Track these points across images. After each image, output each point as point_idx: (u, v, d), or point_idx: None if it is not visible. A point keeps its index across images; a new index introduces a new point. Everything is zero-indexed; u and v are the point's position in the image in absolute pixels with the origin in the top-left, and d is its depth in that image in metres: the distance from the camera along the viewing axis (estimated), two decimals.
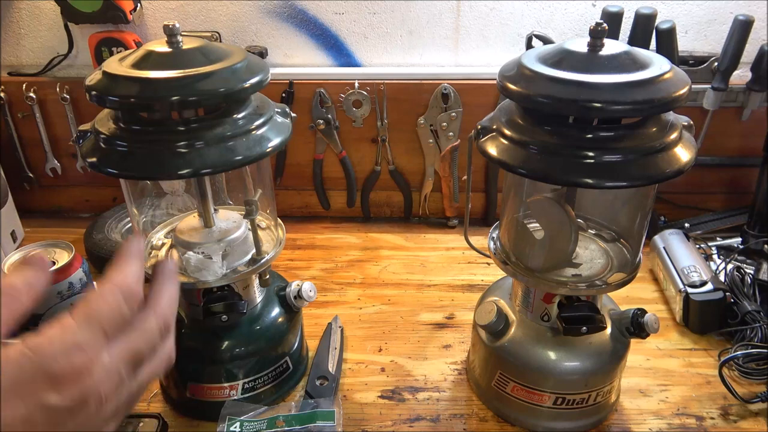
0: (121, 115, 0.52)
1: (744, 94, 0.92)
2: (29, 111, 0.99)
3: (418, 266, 0.93)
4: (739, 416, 0.65)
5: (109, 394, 0.35)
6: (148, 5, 0.95)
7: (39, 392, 0.32)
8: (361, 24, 0.96)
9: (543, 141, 0.50)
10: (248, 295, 0.64)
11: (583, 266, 0.60)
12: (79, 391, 0.33)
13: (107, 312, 0.35)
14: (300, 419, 0.60)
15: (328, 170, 1.03)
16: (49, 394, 0.32)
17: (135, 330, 0.37)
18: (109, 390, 0.35)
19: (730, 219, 0.96)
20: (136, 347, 0.36)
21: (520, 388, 0.61)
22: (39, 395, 0.32)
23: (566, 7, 0.93)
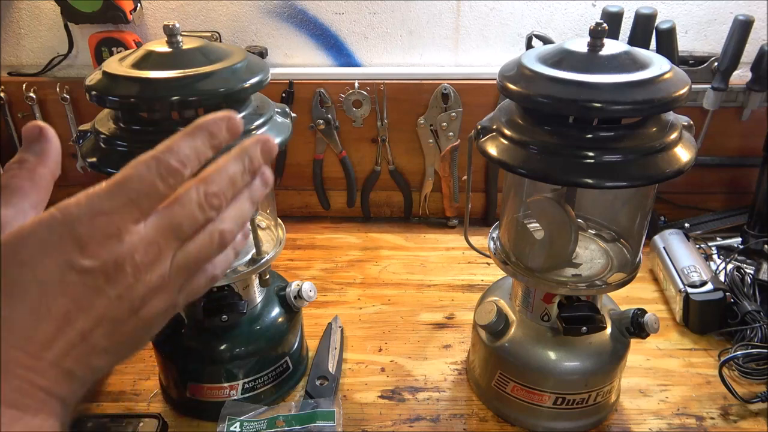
0: (121, 115, 0.52)
1: (744, 94, 0.92)
2: (29, 111, 0.99)
3: (418, 266, 0.93)
4: (739, 416, 0.65)
5: (146, 264, 0.34)
6: (148, 5, 0.95)
7: (67, 253, 0.32)
8: (361, 24, 0.96)
9: (543, 141, 0.50)
10: (248, 295, 0.64)
11: (583, 266, 0.60)
12: (109, 256, 0.33)
13: (137, 182, 0.34)
14: (300, 419, 0.60)
15: (328, 170, 1.03)
16: (77, 256, 0.32)
17: (172, 203, 0.35)
18: (145, 259, 0.34)
19: (730, 219, 0.96)
20: (174, 220, 0.35)
21: (520, 388, 0.61)
22: (68, 256, 0.32)
23: (566, 7, 0.93)
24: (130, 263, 0.34)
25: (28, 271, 0.32)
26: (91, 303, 0.33)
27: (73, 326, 0.33)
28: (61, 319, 0.32)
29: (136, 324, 0.35)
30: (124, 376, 0.71)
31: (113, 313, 0.34)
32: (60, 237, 0.32)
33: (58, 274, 0.32)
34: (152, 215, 0.35)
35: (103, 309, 0.33)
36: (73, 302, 0.33)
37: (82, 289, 0.33)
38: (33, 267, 0.32)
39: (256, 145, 0.39)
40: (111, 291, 0.33)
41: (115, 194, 0.34)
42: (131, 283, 0.34)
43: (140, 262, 0.34)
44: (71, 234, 0.32)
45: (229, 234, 0.38)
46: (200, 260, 0.37)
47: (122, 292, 0.34)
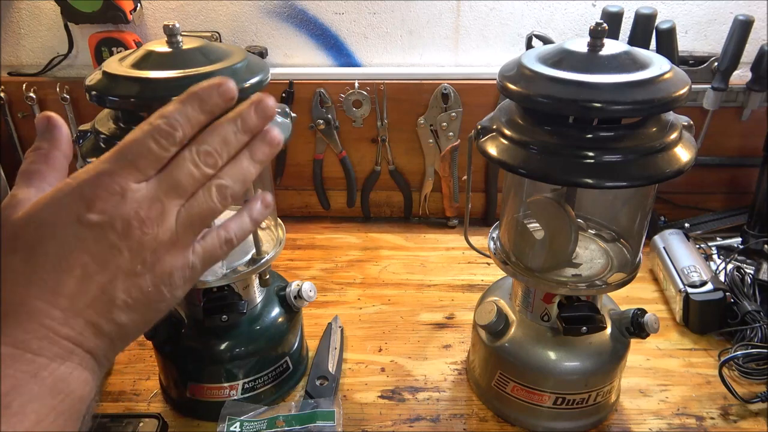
0: (121, 115, 0.52)
1: (744, 94, 0.92)
2: (29, 111, 0.99)
3: (418, 266, 0.93)
4: (739, 416, 0.65)
5: (152, 218, 0.37)
6: (148, 5, 0.95)
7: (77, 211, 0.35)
8: (361, 24, 0.96)
9: (543, 141, 0.50)
10: (248, 295, 0.64)
11: (583, 266, 0.60)
12: (114, 211, 0.36)
13: (134, 146, 0.37)
14: (300, 419, 0.60)
15: (328, 170, 1.03)
16: (85, 212, 0.35)
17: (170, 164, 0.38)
18: (150, 214, 0.37)
19: (730, 219, 0.96)
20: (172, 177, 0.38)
21: (520, 388, 0.61)
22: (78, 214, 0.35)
23: (566, 7, 0.93)
24: (136, 218, 0.36)
25: (47, 230, 0.35)
26: (105, 257, 0.36)
27: (92, 279, 0.36)
28: (80, 272, 0.35)
29: (153, 280, 0.38)
30: (124, 376, 0.71)
31: (127, 266, 0.36)
32: (71, 198, 0.36)
33: (72, 230, 0.35)
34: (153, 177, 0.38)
35: (118, 262, 0.36)
36: (90, 256, 0.35)
37: (95, 244, 0.36)
38: (51, 226, 0.35)
39: (250, 105, 0.41)
40: (122, 244, 0.36)
41: (116, 158, 0.37)
42: (140, 236, 0.37)
43: (146, 217, 0.37)
44: (80, 194, 0.36)
45: (227, 188, 0.40)
46: (204, 215, 0.40)
47: (132, 245, 0.36)
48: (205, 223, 0.40)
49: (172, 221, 0.38)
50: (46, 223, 0.35)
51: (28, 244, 0.35)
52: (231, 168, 0.41)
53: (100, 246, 0.36)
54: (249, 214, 0.44)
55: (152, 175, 0.38)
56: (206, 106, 0.39)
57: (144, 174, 0.37)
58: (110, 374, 0.71)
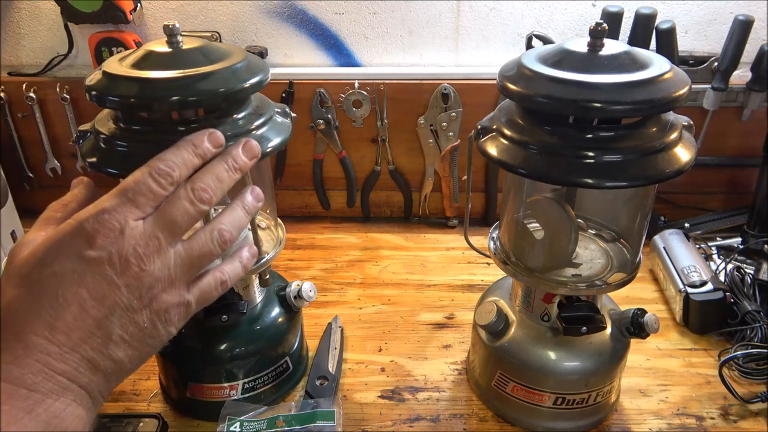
0: (121, 115, 0.52)
1: (744, 94, 0.92)
2: (29, 111, 0.99)
3: (418, 266, 0.93)
4: (739, 416, 0.65)
5: (148, 255, 0.39)
6: (148, 5, 0.95)
7: (77, 248, 0.37)
8: (361, 24, 0.96)
9: (543, 141, 0.50)
10: (248, 295, 0.64)
11: (583, 266, 0.60)
12: (114, 247, 0.37)
13: (133, 185, 0.39)
14: (300, 419, 0.60)
15: (328, 170, 1.03)
16: (86, 248, 0.37)
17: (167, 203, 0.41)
18: (147, 250, 0.39)
19: (730, 219, 0.96)
20: (167, 215, 0.40)
21: (520, 388, 0.61)
22: (78, 250, 0.37)
23: (566, 7, 0.93)
24: (134, 254, 0.38)
25: (46, 268, 0.37)
26: (103, 292, 0.37)
27: (89, 314, 0.36)
28: (77, 308, 0.36)
29: (150, 316, 0.39)
30: None
31: (124, 301, 0.38)
32: (72, 237, 0.37)
33: (71, 267, 0.37)
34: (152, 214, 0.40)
35: (115, 297, 0.37)
36: (87, 291, 0.36)
37: (93, 279, 0.37)
38: (51, 264, 0.37)
39: (238, 146, 0.46)
40: (119, 280, 0.37)
41: (116, 196, 0.39)
42: (137, 273, 0.38)
43: (143, 253, 0.38)
44: (81, 232, 0.37)
45: (226, 233, 0.43)
46: (203, 257, 0.42)
47: (130, 281, 0.38)
48: (203, 264, 0.43)
49: (169, 259, 0.40)
50: (48, 261, 0.37)
51: (30, 280, 0.36)
52: (228, 215, 0.44)
53: (98, 281, 0.37)
54: (240, 258, 0.47)
55: (150, 213, 0.40)
56: (198, 150, 0.43)
57: (143, 211, 0.39)
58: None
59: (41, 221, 0.42)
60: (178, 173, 0.41)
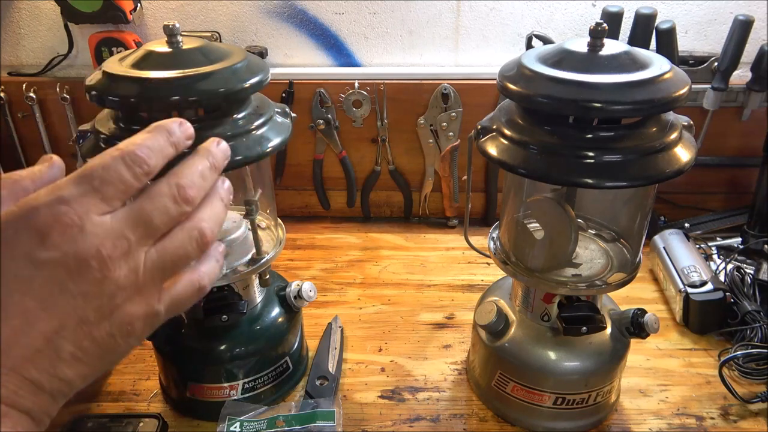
0: (121, 115, 0.52)
1: (744, 94, 0.92)
2: (29, 111, 0.99)
3: (418, 266, 0.93)
4: (739, 416, 0.65)
5: (114, 258, 0.31)
6: (148, 5, 0.95)
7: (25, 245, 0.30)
8: (361, 24, 0.96)
9: (543, 141, 0.50)
10: (248, 295, 0.64)
11: (583, 266, 0.60)
12: (71, 247, 0.30)
13: (101, 171, 0.32)
14: (300, 419, 0.60)
15: (328, 170, 1.03)
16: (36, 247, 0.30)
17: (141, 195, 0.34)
18: (113, 253, 0.31)
19: (730, 219, 0.96)
20: (143, 211, 0.33)
21: (520, 388, 0.61)
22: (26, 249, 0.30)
23: (566, 7, 0.93)
24: (96, 257, 0.31)
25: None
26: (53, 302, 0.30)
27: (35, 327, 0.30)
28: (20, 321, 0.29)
29: (110, 329, 0.32)
30: (124, 376, 0.71)
31: (80, 312, 0.31)
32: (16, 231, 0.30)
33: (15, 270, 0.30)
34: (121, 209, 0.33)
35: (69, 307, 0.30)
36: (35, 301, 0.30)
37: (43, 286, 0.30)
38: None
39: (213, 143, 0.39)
40: (74, 287, 0.30)
41: (77, 182, 0.31)
42: (98, 279, 0.31)
43: (107, 256, 0.31)
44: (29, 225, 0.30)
45: (209, 232, 0.36)
46: (178, 260, 0.35)
47: (88, 288, 0.31)
48: (177, 270, 0.35)
49: (139, 263, 0.33)
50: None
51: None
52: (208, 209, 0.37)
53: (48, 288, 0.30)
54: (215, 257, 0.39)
55: (118, 207, 0.32)
56: (173, 138, 0.36)
57: (109, 205, 0.32)
58: (110, 374, 0.71)
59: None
60: (153, 162, 0.34)
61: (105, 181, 0.32)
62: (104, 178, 0.32)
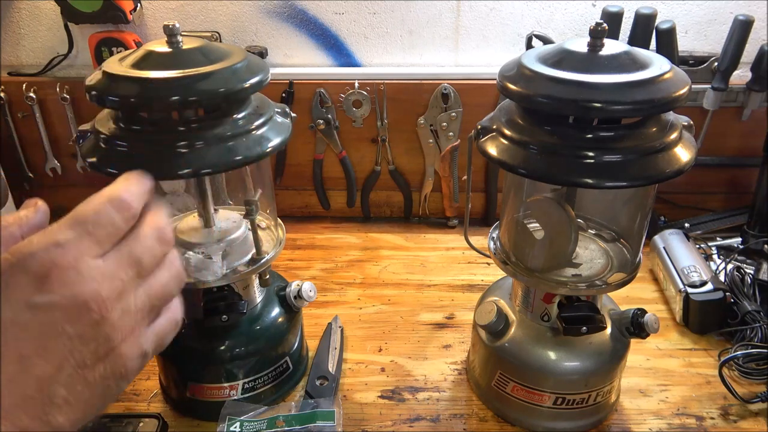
0: (121, 115, 0.52)
1: (744, 94, 0.92)
2: (29, 111, 0.99)
3: (418, 266, 0.93)
4: (739, 416, 0.65)
5: (110, 299, 0.32)
6: (148, 5, 0.95)
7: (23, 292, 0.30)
8: (361, 24, 0.96)
9: (543, 141, 0.50)
10: (248, 295, 0.64)
11: (583, 266, 0.60)
12: (68, 290, 0.31)
13: (92, 215, 0.33)
14: (300, 419, 0.60)
15: (328, 170, 1.03)
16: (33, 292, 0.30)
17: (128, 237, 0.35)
18: (110, 293, 0.32)
19: (730, 219, 0.96)
20: (133, 253, 0.34)
21: (520, 388, 0.61)
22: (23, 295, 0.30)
23: (566, 7, 0.93)
24: (95, 299, 0.31)
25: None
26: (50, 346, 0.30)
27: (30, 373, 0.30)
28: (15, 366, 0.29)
29: (104, 372, 0.32)
30: None
31: (76, 355, 0.31)
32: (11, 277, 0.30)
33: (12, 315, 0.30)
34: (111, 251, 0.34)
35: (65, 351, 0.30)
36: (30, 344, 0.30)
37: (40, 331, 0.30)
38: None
39: None
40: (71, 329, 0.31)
41: (72, 227, 0.32)
42: (96, 321, 0.31)
43: (105, 298, 0.32)
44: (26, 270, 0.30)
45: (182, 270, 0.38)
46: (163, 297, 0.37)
47: (85, 331, 0.31)
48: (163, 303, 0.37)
49: (131, 303, 0.34)
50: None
51: None
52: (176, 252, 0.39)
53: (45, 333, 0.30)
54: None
55: (109, 249, 0.33)
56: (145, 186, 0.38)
57: (102, 247, 0.33)
58: None
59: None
60: (136, 206, 0.36)
61: (97, 224, 0.33)
62: (96, 222, 0.33)
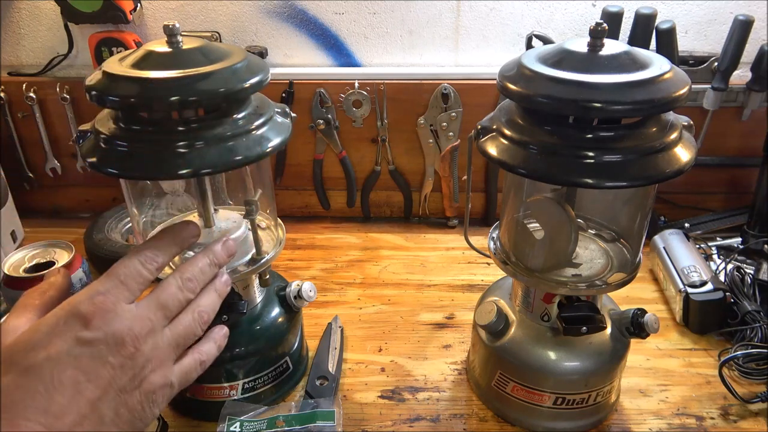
0: (121, 115, 0.52)
1: (744, 94, 0.92)
2: (29, 111, 0.99)
3: (418, 266, 0.93)
4: (739, 416, 0.65)
5: (143, 335, 0.40)
6: (148, 5, 0.95)
7: (73, 329, 0.38)
8: (361, 24, 0.96)
9: (543, 141, 0.50)
10: (248, 295, 0.64)
11: (583, 266, 0.60)
12: (110, 328, 0.39)
13: (123, 269, 0.42)
14: (300, 419, 0.60)
15: (328, 170, 1.03)
16: (81, 330, 0.38)
17: (157, 288, 0.44)
18: (141, 331, 0.40)
19: (730, 219, 0.96)
20: (159, 299, 0.43)
21: (520, 388, 0.61)
22: (73, 332, 0.38)
23: (566, 7, 0.93)
24: (129, 334, 0.39)
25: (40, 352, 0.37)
26: (97, 373, 0.37)
27: (83, 395, 0.36)
28: (71, 389, 0.36)
29: (140, 398, 0.40)
30: None
31: (118, 381, 0.38)
32: (65, 320, 0.38)
33: (66, 349, 0.37)
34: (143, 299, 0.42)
35: (109, 377, 0.38)
36: (82, 373, 0.37)
37: (88, 360, 0.37)
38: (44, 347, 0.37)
39: (218, 243, 0.50)
40: (114, 359, 0.38)
41: (108, 279, 0.41)
42: (132, 353, 0.39)
43: (138, 334, 0.40)
44: (75, 314, 0.38)
45: (206, 314, 0.47)
46: (188, 336, 0.45)
47: (124, 361, 0.39)
48: (186, 344, 0.45)
49: (159, 339, 0.42)
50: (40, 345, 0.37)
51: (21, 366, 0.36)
52: (206, 298, 0.47)
53: (93, 362, 0.37)
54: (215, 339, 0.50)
55: (138, 295, 0.42)
56: (177, 238, 0.48)
57: (133, 294, 0.42)
58: None
59: (19, 308, 0.42)
60: (161, 260, 0.45)
61: (128, 276, 0.42)
62: (127, 274, 0.42)
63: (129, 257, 0.43)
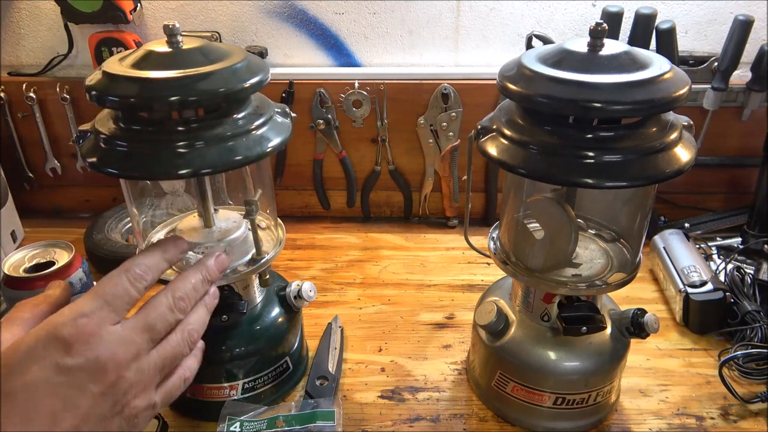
0: (121, 115, 0.52)
1: (744, 94, 0.92)
2: (29, 111, 0.99)
3: (418, 266, 0.93)
4: (739, 416, 0.65)
5: (127, 360, 0.38)
6: (148, 5, 0.95)
7: (53, 355, 0.35)
8: (361, 24, 0.96)
9: (543, 141, 0.50)
10: (248, 295, 0.64)
11: (583, 266, 0.60)
12: (92, 353, 0.36)
13: (110, 288, 0.39)
14: (300, 419, 0.60)
15: (328, 170, 1.03)
16: (62, 356, 0.35)
17: (146, 307, 0.41)
18: (126, 356, 0.38)
19: (730, 219, 0.96)
20: (147, 319, 0.40)
21: (520, 388, 0.61)
22: (53, 358, 0.35)
23: (566, 7, 0.93)
24: (112, 360, 0.37)
25: (16, 378, 0.35)
26: (76, 401, 0.35)
27: (60, 426, 0.35)
28: (48, 420, 0.34)
29: (121, 423, 0.38)
30: None
31: (98, 410, 0.36)
32: (45, 343, 0.36)
33: (45, 376, 0.35)
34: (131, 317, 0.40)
35: (88, 406, 0.36)
36: (61, 401, 0.35)
37: (67, 389, 0.35)
38: (21, 374, 0.35)
39: (211, 259, 0.48)
40: (94, 387, 0.36)
41: (93, 299, 0.39)
42: (113, 380, 0.37)
43: (122, 360, 0.38)
44: (57, 338, 0.36)
45: (195, 333, 0.45)
46: (176, 356, 0.43)
47: (105, 388, 0.37)
48: (173, 365, 0.43)
49: (144, 363, 0.39)
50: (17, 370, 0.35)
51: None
52: (195, 315, 0.45)
53: (72, 391, 0.35)
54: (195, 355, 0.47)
55: (124, 315, 0.40)
56: (167, 255, 0.45)
57: (119, 315, 0.39)
58: None
59: (6, 321, 0.40)
60: (151, 276, 0.42)
61: (115, 295, 0.39)
62: (114, 293, 0.39)
63: (118, 274, 0.41)
